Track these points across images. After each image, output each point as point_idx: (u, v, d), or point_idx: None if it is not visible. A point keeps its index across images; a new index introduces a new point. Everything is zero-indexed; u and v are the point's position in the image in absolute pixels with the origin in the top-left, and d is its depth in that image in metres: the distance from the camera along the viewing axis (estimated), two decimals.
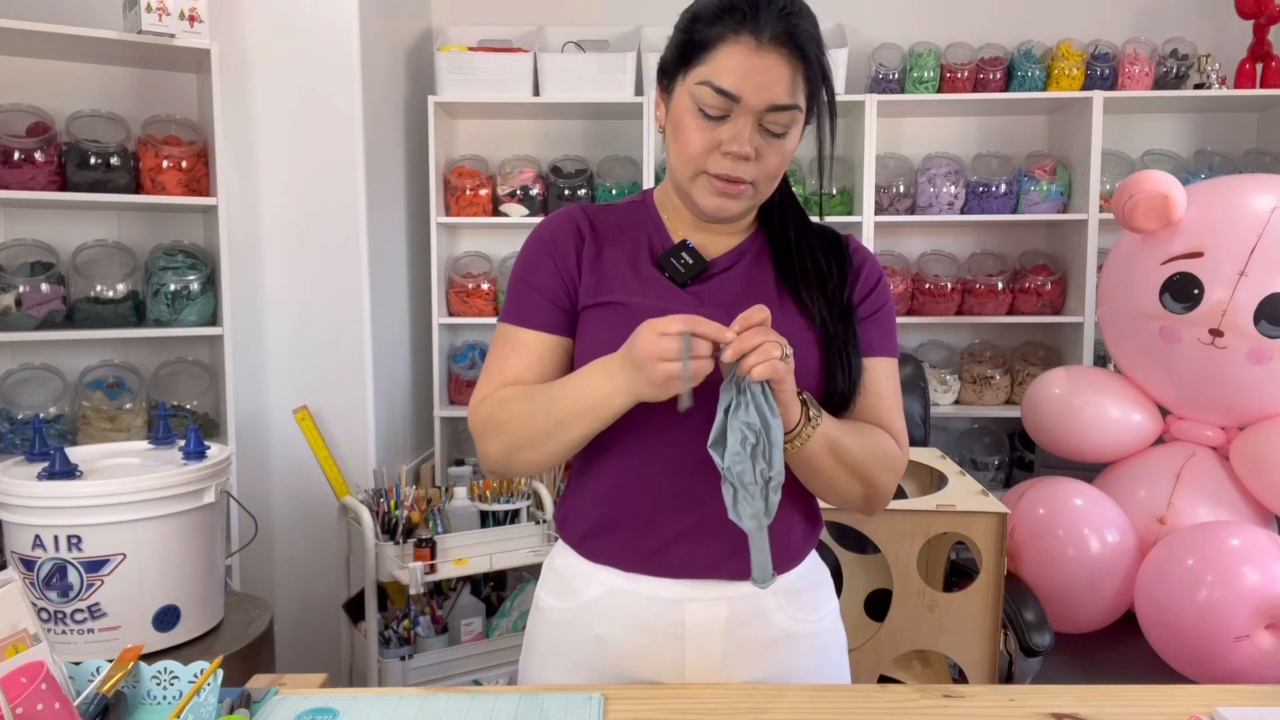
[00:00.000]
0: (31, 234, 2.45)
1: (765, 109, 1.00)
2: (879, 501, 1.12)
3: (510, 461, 1.08)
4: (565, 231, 1.13)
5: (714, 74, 1.00)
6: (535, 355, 1.10)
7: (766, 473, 0.96)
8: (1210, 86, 3.06)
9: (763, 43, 0.99)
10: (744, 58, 0.99)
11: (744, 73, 0.99)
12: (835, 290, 1.11)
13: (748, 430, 0.95)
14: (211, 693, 0.97)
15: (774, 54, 0.99)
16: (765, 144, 1.03)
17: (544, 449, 1.05)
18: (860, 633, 1.97)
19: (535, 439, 1.04)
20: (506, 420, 1.06)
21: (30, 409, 2.39)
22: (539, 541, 2.45)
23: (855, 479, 1.07)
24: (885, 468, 1.09)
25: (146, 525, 1.62)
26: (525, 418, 1.05)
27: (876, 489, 1.10)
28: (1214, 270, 2.13)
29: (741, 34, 0.99)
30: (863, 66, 3.21)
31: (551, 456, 1.06)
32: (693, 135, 1.03)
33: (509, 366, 1.10)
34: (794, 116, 1.03)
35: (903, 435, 1.14)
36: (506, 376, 1.10)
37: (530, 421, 1.04)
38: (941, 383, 3.23)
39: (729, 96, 1.00)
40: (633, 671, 1.11)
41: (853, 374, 1.08)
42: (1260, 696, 1.05)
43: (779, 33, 0.99)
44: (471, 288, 3.16)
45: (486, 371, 1.12)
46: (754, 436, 0.95)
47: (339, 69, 2.59)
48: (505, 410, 1.07)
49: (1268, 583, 1.87)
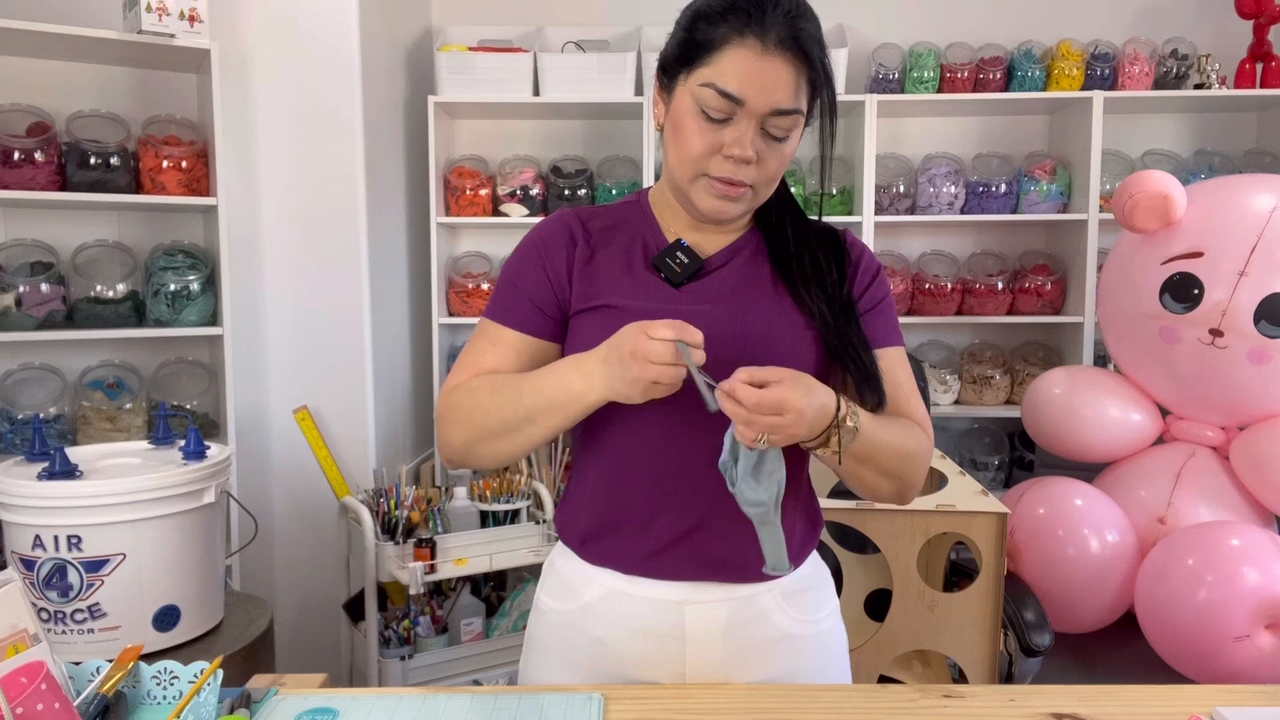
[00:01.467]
0: (31, 234, 2.45)
1: (769, 113, 1.00)
2: (910, 493, 1.11)
3: (470, 452, 1.07)
4: (557, 237, 1.12)
5: (718, 76, 0.99)
6: (513, 352, 1.09)
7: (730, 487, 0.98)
8: (1210, 86, 3.06)
9: (768, 46, 0.98)
10: (749, 61, 0.98)
11: (749, 76, 0.98)
12: (834, 287, 1.10)
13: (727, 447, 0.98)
14: (211, 693, 0.97)
15: (779, 58, 0.98)
16: (766, 147, 1.02)
17: (509, 441, 1.04)
18: (860, 633, 1.97)
19: (501, 430, 1.04)
20: (473, 409, 1.06)
21: (30, 409, 2.39)
22: (539, 541, 2.45)
23: (886, 479, 1.07)
24: (919, 465, 1.09)
25: (146, 525, 1.62)
26: (493, 409, 1.04)
27: (906, 485, 1.09)
28: (1214, 270, 2.13)
29: (747, 36, 0.98)
30: (863, 66, 3.21)
31: (515, 449, 1.05)
32: (694, 137, 1.02)
33: (484, 360, 1.10)
34: (796, 120, 1.02)
35: (926, 421, 1.13)
36: (480, 369, 1.09)
37: (497, 413, 1.03)
38: (941, 383, 3.23)
39: (733, 100, 0.99)
40: (633, 673, 1.11)
41: (873, 378, 1.07)
42: (1260, 696, 1.05)
43: (785, 36, 0.98)
44: (471, 288, 3.16)
45: (460, 362, 1.12)
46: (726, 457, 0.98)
47: (339, 69, 2.59)
48: (473, 400, 1.06)
49: (1268, 583, 1.87)
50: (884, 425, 1.04)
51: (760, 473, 0.96)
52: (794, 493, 1.11)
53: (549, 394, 1.00)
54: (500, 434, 1.04)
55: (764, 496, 0.96)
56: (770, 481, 0.96)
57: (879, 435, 1.03)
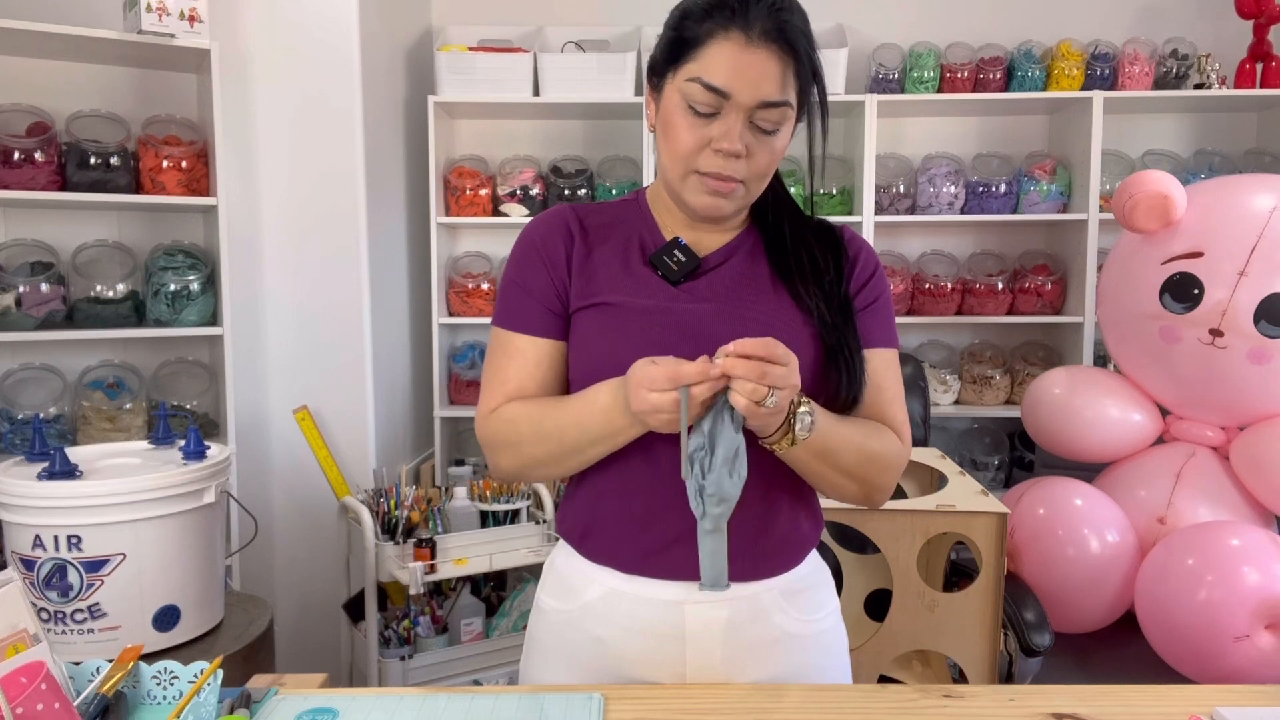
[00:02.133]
0: (31, 234, 2.45)
1: (756, 105, 1.00)
2: (878, 496, 1.12)
3: (525, 475, 1.12)
4: (554, 232, 1.12)
5: (703, 70, 1.00)
6: (532, 362, 1.10)
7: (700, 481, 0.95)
8: (1210, 86, 3.06)
9: (752, 38, 0.98)
10: (734, 54, 0.99)
11: (734, 69, 0.99)
12: (832, 284, 1.10)
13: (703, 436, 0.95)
14: (211, 693, 0.97)
15: (764, 50, 0.99)
16: (756, 141, 1.02)
17: (562, 467, 1.09)
18: (860, 633, 1.97)
19: (550, 460, 1.08)
20: (518, 441, 1.08)
21: (30, 409, 2.39)
22: (539, 541, 2.45)
23: (849, 480, 1.07)
24: (883, 467, 1.09)
25: (146, 525, 1.62)
26: (538, 442, 1.07)
27: (873, 487, 1.10)
28: (1214, 270, 2.13)
29: (731, 30, 0.99)
30: (863, 66, 3.21)
31: (570, 471, 1.11)
32: (683, 133, 1.02)
33: (509, 375, 1.11)
34: (784, 113, 1.02)
35: (904, 428, 1.13)
36: (508, 386, 1.10)
37: (544, 446, 1.07)
38: (941, 383, 3.23)
39: (719, 93, 0.99)
40: (633, 673, 1.11)
41: (855, 374, 1.08)
42: (1260, 696, 1.05)
43: (769, 28, 0.98)
44: (471, 288, 3.16)
45: (487, 380, 1.13)
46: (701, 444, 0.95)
47: (339, 69, 2.59)
48: (515, 431, 1.08)
49: (1268, 583, 1.87)
50: (844, 422, 1.05)
51: (736, 463, 0.95)
52: (795, 491, 1.11)
53: (593, 430, 1.03)
54: (550, 462, 1.09)
55: (733, 492, 0.95)
56: (739, 478, 0.95)
57: (839, 429, 1.03)
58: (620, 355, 1.02)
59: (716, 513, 0.96)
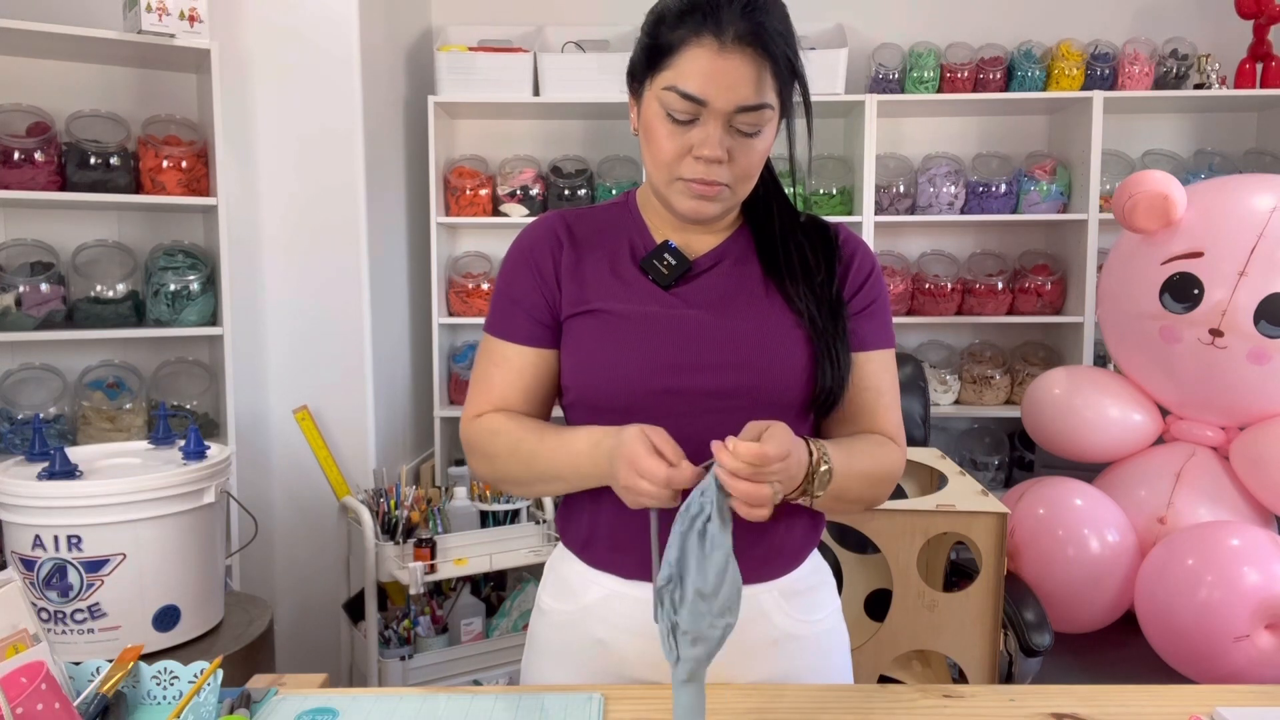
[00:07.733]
0: (31, 234, 2.45)
1: (733, 111, 0.99)
2: (876, 504, 1.13)
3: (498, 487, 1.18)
4: (543, 242, 1.12)
5: (679, 78, 0.99)
6: (517, 371, 1.11)
7: (672, 617, 0.86)
8: (1210, 86, 3.06)
9: (725, 43, 0.97)
10: (708, 60, 0.97)
11: (708, 75, 0.98)
12: (823, 285, 1.10)
13: (670, 568, 0.86)
14: (211, 693, 0.97)
15: (738, 54, 0.97)
16: (737, 145, 1.01)
17: (531, 489, 1.12)
18: (860, 633, 1.97)
19: (520, 482, 1.11)
20: (494, 455, 1.10)
21: (30, 409, 2.39)
22: (539, 541, 2.45)
23: (856, 504, 1.09)
24: (888, 483, 1.10)
25: (146, 525, 1.62)
26: (512, 461, 1.08)
27: (874, 501, 1.11)
28: (1214, 270, 2.13)
29: (704, 35, 0.98)
30: (863, 66, 3.21)
31: (538, 495, 1.15)
32: (663, 141, 1.02)
33: (494, 382, 1.12)
34: (764, 115, 1.01)
35: (899, 431, 1.13)
36: (493, 393, 1.12)
37: (516, 467, 1.09)
38: (941, 383, 3.23)
39: (695, 101, 0.98)
40: (634, 674, 1.11)
41: (840, 372, 1.07)
42: (1260, 696, 1.05)
43: (742, 31, 0.97)
44: (471, 288, 3.16)
45: (474, 385, 1.15)
46: (670, 576, 0.86)
47: (339, 69, 2.59)
48: (494, 445, 1.09)
49: (1268, 583, 1.87)
50: (854, 456, 1.04)
51: (724, 584, 0.84)
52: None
53: (567, 469, 1.04)
54: (520, 484, 1.12)
55: (714, 633, 0.85)
56: (727, 608, 0.85)
57: (852, 468, 1.03)
58: (612, 362, 1.04)
59: (693, 654, 0.86)
